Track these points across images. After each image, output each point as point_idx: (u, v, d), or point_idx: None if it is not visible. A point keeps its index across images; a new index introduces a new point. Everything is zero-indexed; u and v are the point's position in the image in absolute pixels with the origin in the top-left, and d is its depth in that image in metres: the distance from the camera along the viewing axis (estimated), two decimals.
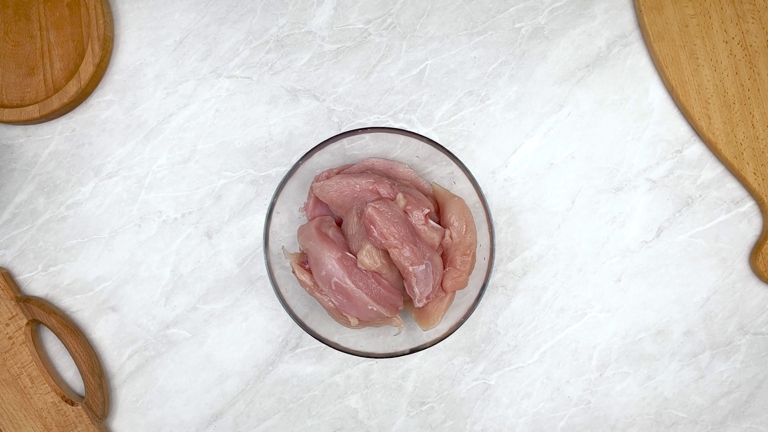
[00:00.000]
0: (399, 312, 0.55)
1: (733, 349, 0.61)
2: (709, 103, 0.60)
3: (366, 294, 0.52)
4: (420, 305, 0.54)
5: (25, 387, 0.60)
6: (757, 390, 0.60)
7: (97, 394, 0.59)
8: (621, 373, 0.60)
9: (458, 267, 0.55)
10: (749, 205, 0.61)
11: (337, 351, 0.57)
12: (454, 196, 0.56)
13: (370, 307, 0.53)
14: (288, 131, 0.62)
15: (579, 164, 0.61)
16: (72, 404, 0.59)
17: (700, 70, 0.60)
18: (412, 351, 0.53)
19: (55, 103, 0.60)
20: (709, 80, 0.60)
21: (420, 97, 0.62)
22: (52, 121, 0.63)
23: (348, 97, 0.62)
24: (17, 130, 0.63)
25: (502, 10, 0.62)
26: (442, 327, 0.54)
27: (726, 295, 0.61)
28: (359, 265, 0.52)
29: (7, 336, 0.60)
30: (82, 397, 0.61)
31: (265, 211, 0.53)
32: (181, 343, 0.61)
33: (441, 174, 0.58)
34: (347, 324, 0.55)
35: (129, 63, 0.63)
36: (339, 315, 0.54)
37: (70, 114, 0.63)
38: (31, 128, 0.63)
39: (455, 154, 0.53)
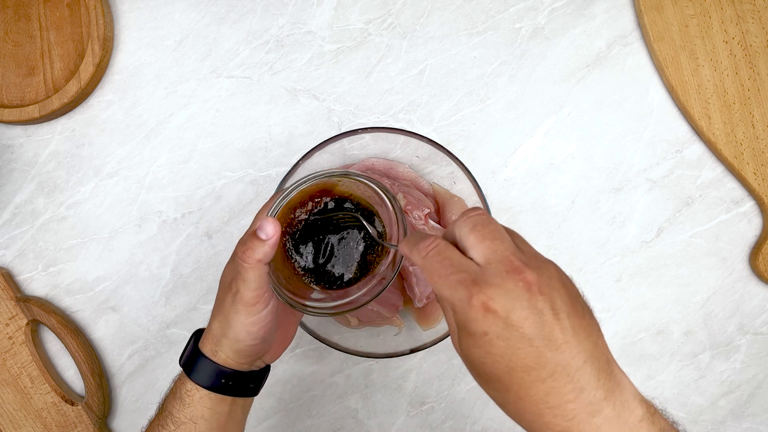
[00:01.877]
0: (399, 312, 0.55)
1: (733, 349, 0.61)
2: (709, 103, 0.60)
3: None
4: (420, 305, 0.54)
5: (25, 387, 0.60)
6: (757, 390, 0.60)
7: (97, 394, 0.59)
8: None
9: None
10: (749, 205, 0.61)
11: (337, 351, 0.57)
12: (454, 196, 0.56)
13: (370, 307, 0.53)
14: (288, 131, 0.62)
15: (579, 164, 0.61)
16: (72, 404, 0.59)
17: (700, 70, 0.60)
18: (412, 351, 0.53)
19: (55, 103, 0.60)
20: (709, 80, 0.60)
21: (420, 97, 0.62)
22: (52, 121, 0.62)
23: (348, 97, 0.62)
24: (17, 130, 0.63)
25: (502, 10, 0.62)
26: (442, 327, 0.54)
27: (726, 295, 0.61)
28: None
29: (7, 336, 0.60)
30: (82, 397, 0.61)
31: None
32: (181, 343, 0.61)
33: (441, 174, 0.58)
34: (347, 324, 0.55)
35: (129, 63, 0.63)
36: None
37: (70, 114, 0.63)
38: (31, 128, 0.63)
39: (455, 154, 0.53)
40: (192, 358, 0.42)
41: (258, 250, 0.38)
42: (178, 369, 0.61)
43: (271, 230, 0.38)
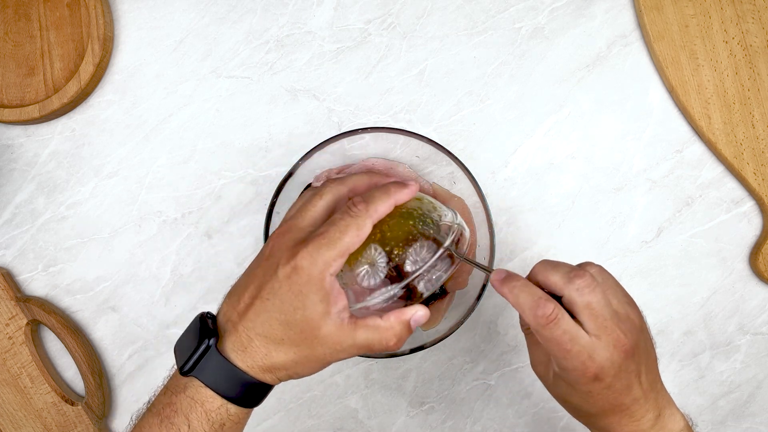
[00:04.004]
0: None
1: (733, 349, 0.61)
2: (709, 103, 0.60)
3: None
4: None
5: (25, 387, 0.60)
6: (757, 390, 0.60)
7: (97, 394, 0.59)
8: None
9: (458, 267, 0.55)
10: (749, 205, 0.61)
11: None
12: (454, 196, 0.56)
13: None
14: (288, 131, 0.62)
15: (579, 164, 0.61)
16: (72, 404, 0.59)
17: (700, 70, 0.60)
18: (412, 351, 0.53)
19: (55, 103, 0.60)
20: (709, 80, 0.60)
21: (420, 97, 0.62)
22: (52, 121, 0.63)
23: (348, 97, 0.62)
24: (17, 130, 0.63)
25: (502, 10, 0.62)
26: (442, 327, 0.54)
27: (726, 295, 0.61)
28: None
29: (7, 336, 0.60)
30: (82, 397, 0.61)
31: (265, 211, 0.53)
32: None
33: (441, 174, 0.58)
34: None
35: (129, 63, 0.63)
36: None
37: (70, 114, 0.63)
38: (31, 128, 0.63)
39: (455, 154, 0.53)
40: (237, 384, 0.37)
41: (406, 340, 0.40)
42: None
43: (424, 322, 0.40)
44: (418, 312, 0.39)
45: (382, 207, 0.39)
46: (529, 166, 0.61)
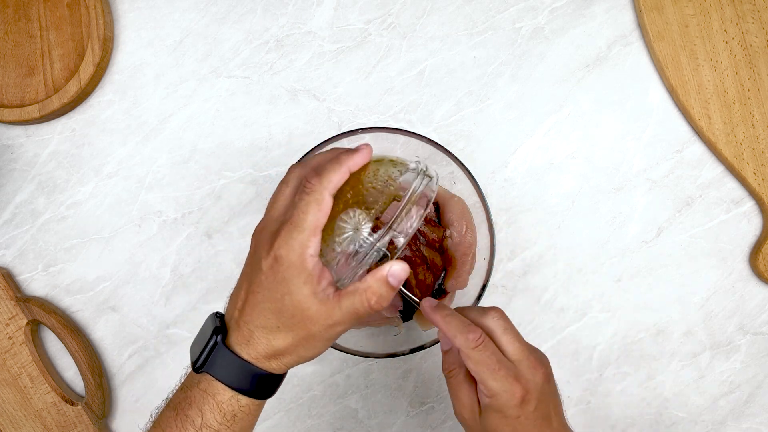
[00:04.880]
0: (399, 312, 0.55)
1: (733, 349, 0.61)
2: (709, 103, 0.60)
3: None
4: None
5: (25, 387, 0.60)
6: (757, 390, 0.60)
7: (97, 394, 0.59)
8: (621, 373, 0.60)
9: (458, 267, 0.55)
10: (749, 205, 0.61)
11: (337, 351, 0.57)
12: (454, 196, 0.56)
13: None
14: (288, 131, 0.62)
15: (579, 164, 0.61)
16: (72, 404, 0.59)
17: (700, 70, 0.60)
18: (412, 351, 0.53)
19: (55, 103, 0.60)
20: (709, 80, 0.60)
21: (420, 97, 0.62)
22: (52, 121, 0.63)
23: (348, 97, 0.62)
24: (17, 130, 0.63)
25: (502, 10, 0.62)
26: None
27: (726, 295, 0.61)
28: None
29: (7, 336, 0.60)
30: (82, 397, 0.61)
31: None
32: (181, 344, 0.61)
33: (441, 174, 0.58)
34: None
35: (129, 63, 0.63)
36: None
37: (70, 114, 0.63)
38: (31, 128, 0.63)
39: (455, 154, 0.53)
40: (247, 376, 0.39)
41: (390, 298, 0.39)
42: (178, 370, 0.61)
43: (404, 276, 0.39)
44: (393, 266, 0.38)
45: (336, 176, 0.39)
46: (529, 166, 0.61)
